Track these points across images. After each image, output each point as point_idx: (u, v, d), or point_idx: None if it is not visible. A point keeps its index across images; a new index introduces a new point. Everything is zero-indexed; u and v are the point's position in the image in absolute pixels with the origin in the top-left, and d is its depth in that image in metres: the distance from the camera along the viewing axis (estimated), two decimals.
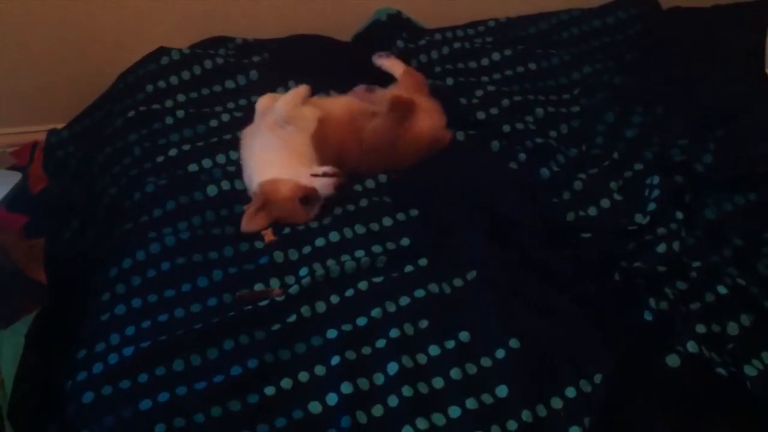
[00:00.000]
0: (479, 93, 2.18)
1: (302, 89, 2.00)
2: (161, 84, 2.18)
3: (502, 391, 1.51)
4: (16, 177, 2.03)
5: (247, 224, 1.83)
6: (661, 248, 1.77)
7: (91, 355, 1.60)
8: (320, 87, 2.17)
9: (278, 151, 1.92)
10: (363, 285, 1.68)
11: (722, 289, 1.69)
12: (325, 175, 1.85)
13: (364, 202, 1.89)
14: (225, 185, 1.92)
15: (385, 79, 2.19)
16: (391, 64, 2.22)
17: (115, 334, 1.62)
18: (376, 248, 1.77)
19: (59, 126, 2.33)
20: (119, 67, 2.25)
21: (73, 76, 2.47)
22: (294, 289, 1.66)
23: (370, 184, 1.96)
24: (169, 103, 2.14)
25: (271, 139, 1.93)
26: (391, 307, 1.63)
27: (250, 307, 1.64)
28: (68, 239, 2.00)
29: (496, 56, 2.32)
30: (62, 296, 1.82)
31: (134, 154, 2.02)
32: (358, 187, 1.94)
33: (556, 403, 1.50)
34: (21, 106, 2.53)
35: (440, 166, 2.00)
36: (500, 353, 1.56)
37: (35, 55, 2.44)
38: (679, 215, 1.83)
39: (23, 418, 1.60)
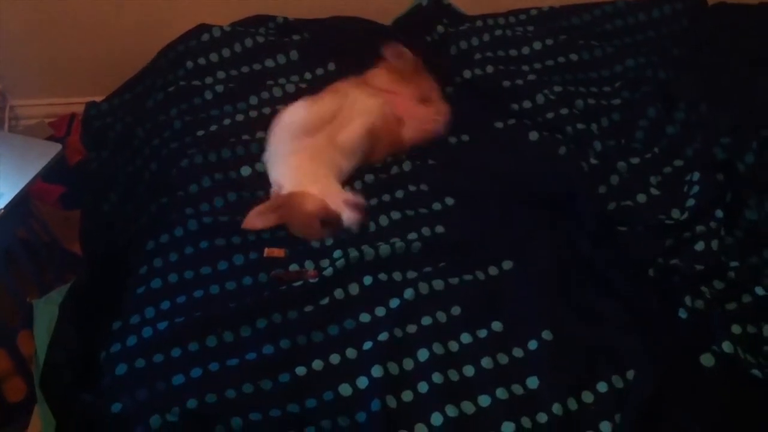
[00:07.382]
0: (519, 82, 2.16)
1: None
2: (201, 61, 2.17)
3: (533, 382, 1.51)
4: (54, 148, 2.03)
5: (253, 221, 1.78)
6: (700, 246, 1.75)
7: (126, 328, 1.61)
8: (358, 70, 2.16)
9: (313, 160, 1.87)
10: (396, 271, 1.68)
11: (760, 291, 1.67)
12: (356, 206, 1.79)
13: (399, 193, 1.89)
14: (260, 167, 1.93)
15: None
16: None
17: (151, 307, 1.63)
18: (412, 235, 1.76)
19: (97, 99, 2.34)
20: (159, 43, 2.26)
21: (112, 50, 2.49)
22: (328, 272, 1.66)
23: (406, 166, 1.96)
24: (209, 80, 2.13)
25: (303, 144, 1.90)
26: (425, 290, 1.63)
27: (284, 287, 1.65)
28: (106, 212, 2.01)
29: (537, 45, 2.29)
30: (98, 267, 1.84)
31: (174, 128, 2.02)
32: (395, 169, 1.94)
33: (588, 397, 1.50)
34: (59, 78, 2.55)
35: (478, 155, 1.99)
36: (533, 344, 1.56)
37: (75, 28, 2.45)
38: (720, 214, 1.81)
39: (55, 387, 1.62)
